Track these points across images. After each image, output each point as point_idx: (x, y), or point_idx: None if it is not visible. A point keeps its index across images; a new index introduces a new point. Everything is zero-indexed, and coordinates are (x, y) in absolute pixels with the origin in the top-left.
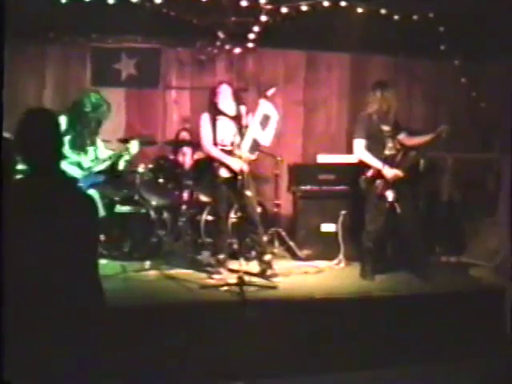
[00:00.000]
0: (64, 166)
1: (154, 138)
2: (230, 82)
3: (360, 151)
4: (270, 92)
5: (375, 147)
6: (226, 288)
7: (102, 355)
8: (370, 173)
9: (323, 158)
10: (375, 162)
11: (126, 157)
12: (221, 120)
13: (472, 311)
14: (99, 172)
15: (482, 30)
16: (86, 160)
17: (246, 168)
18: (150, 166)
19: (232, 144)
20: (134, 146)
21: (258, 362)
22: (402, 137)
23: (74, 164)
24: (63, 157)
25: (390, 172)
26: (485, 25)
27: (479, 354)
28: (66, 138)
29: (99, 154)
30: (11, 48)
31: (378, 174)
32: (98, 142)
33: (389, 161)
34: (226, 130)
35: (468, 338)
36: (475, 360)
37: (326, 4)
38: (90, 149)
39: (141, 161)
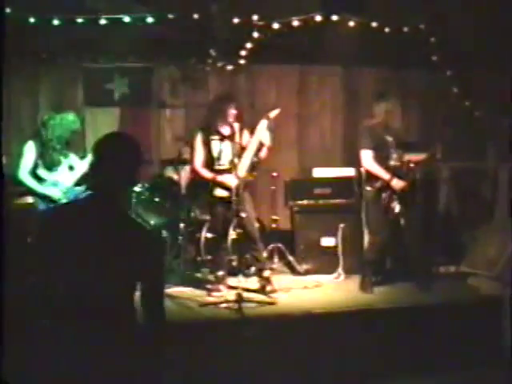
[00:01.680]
0: (42, 189)
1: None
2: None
3: (368, 162)
4: (273, 114)
5: (381, 158)
6: (225, 305)
7: (100, 372)
8: (377, 184)
9: (318, 172)
10: (384, 174)
11: None
12: (215, 140)
13: (472, 321)
14: (77, 184)
15: (473, 39)
16: (60, 177)
17: (242, 186)
18: (147, 184)
19: (230, 163)
20: None
21: (258, 378)
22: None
23: (50, 185)
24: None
25: (398, 184)
26: (476, 34)
27: (480, 365)
28: (39, 162)
29: (74, 168)
30: (5, 69)
31: (386, 186)
32: (71, 156)
33: (395, 172)
34: (222, 149)
35: (468, 349)
36: (476, 371)
37: (317, 19)
38: (63, 165)
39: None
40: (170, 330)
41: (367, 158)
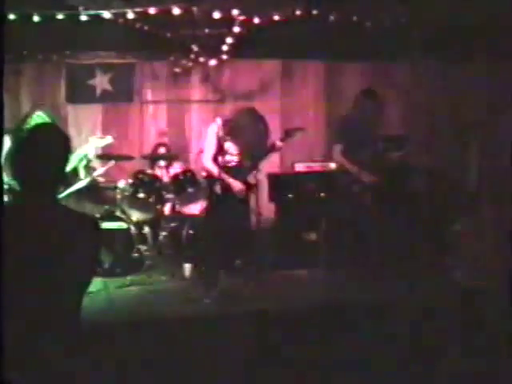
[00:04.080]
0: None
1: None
2: None
3: (336, 156)
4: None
5: (355, 151)
6: (208, 301)
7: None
8: (348, 177)
9: (301, 167)
10: (352, 167)
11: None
12: (228, 138)
13: (454, 314)
14: None
15: (455, 31)
16: None
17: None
18: (130, 180)
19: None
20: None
21: (242, 374)
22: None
23: None
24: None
25: (367, 177)
26: (458, 26)
27: (463, 356)
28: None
29: None
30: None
31: (356, 179)
32: None
33: (368, 165)
34: (231, 149)
35: (451, 341)
36: (460, 361)
37: (297, 13)
38: None
39: (120, 176)
40: (153, 327)
41: (336, 152)
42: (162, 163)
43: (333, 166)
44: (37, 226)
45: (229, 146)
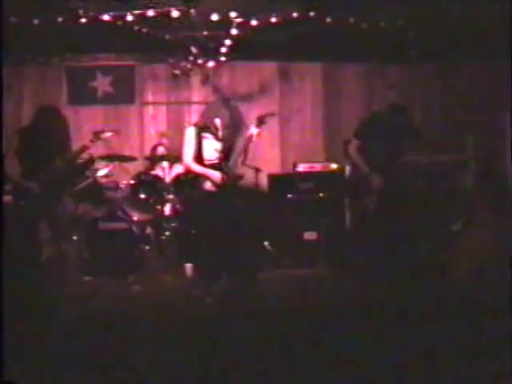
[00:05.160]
0: None
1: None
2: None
3: (353, 150)
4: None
5: (372, 152)
6: (210, 300)
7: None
8: (354, 176)
9: (301, 167)
10: (365, 167)
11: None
12: (207, 136)
13: (456, 315)
14: None
15: (452, 32)
16: None
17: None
18: (131, 181)
19: (218, 159)
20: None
21: (242, 373)
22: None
23: None
24: None
25: (376, 179)
26: (454, 27)
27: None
28: None
29: None
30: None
31: (365, 179)
32: None
33: (379, 168)
34: (212, 146)
35: (451, 341)
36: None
37: (295, 15)
38: None
39: (122, 177)
40: (154, 326)
41: (352, 146)
42: (164, 164)
43: (333, 166)
44: None
45: (208, 144)
